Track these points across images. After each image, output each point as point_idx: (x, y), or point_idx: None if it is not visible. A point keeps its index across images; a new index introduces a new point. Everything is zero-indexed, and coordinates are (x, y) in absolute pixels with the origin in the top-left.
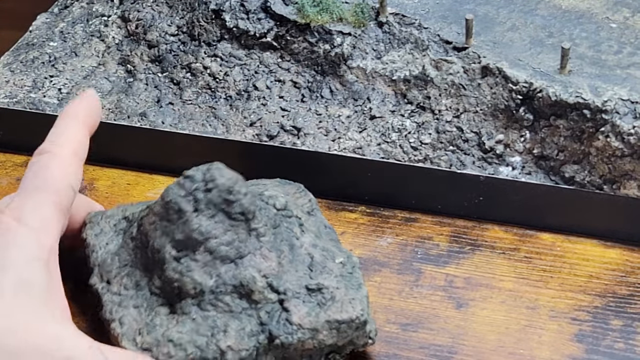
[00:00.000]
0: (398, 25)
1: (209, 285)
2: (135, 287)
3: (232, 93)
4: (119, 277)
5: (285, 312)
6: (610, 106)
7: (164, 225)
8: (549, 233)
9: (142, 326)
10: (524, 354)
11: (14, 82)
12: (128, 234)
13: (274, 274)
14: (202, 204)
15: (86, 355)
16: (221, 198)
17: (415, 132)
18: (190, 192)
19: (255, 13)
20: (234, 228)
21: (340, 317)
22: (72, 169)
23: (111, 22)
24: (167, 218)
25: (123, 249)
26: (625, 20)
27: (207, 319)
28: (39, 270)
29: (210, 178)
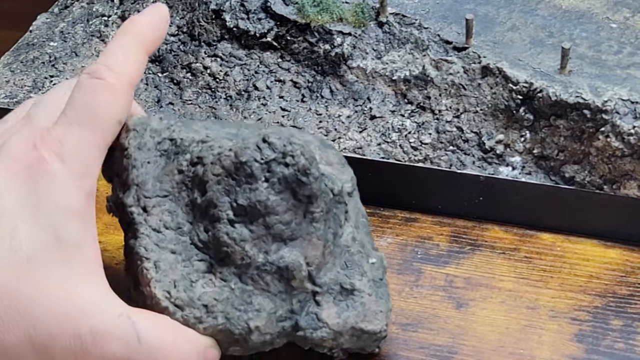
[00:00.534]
0: (398, 25)
1: (257, 261)
2: (176, 229)
3: (232, 93)
4: (159, 210)
5: (316, 306)
6: (610, 106)
7: (229, 183)
8: (549, 233)
9: (178, 278)
10: (524, 354)
11: (14, 82)
12: (176, 162)
13: (316, 264)
14: (275, 177)
15: (114, 325)
16: (295, 178)
17: (416, 132)
18: (268, 160)
19: (256, 13)
20: (295, 209)
21: (365, 327)
22: (124, 102)
23: (111, 22)
24: (235, 177)
25: (167, 177)
26: (626, 21)
27: (244, 293)
28: (74, 224)
29: (291, 153)
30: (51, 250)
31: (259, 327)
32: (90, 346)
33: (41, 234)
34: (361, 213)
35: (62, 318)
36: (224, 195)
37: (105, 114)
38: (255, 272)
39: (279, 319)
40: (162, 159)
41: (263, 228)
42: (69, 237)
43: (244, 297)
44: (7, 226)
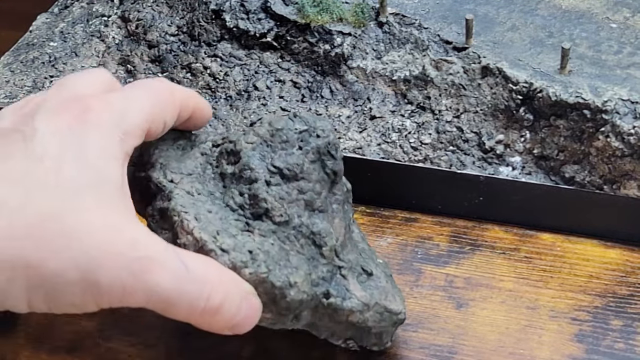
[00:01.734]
0: (398, 25)
1: (294, 221)
2: (208, 194)
3: (232, 93)
4: (188, 181)
5: (343, 279)
6: (610, 106)
7: (264, 149)
8: (549, 233)
9: (220, 229)
10: (524, 354)
11: (14, 82)
12: (196, 149)
13: (340, 242)
14: (309, 146)
15: (162, 256)
16: (327, 150)
17: (416, 132)
18: (301, 131)
19: (256, 13)
20: (324, 182)
21: (388, 305)
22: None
23: (111, 22)
24: (271, 143)
25: (189, 160)
26: (626, 21)
27: (282, 250)
28: (116, 169)
29: (322, 128)
30: (97, 187)
31: (297, 283)
32: (139, 274)
33: (86, 172)
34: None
35: (110, 247)
36: (260, 159)
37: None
38: (293, 232)
39: (313, 283)
40: (179, 150)
41: (297, 192)
42: (112, 178)
43: (282, 253)
44: (51, 166)
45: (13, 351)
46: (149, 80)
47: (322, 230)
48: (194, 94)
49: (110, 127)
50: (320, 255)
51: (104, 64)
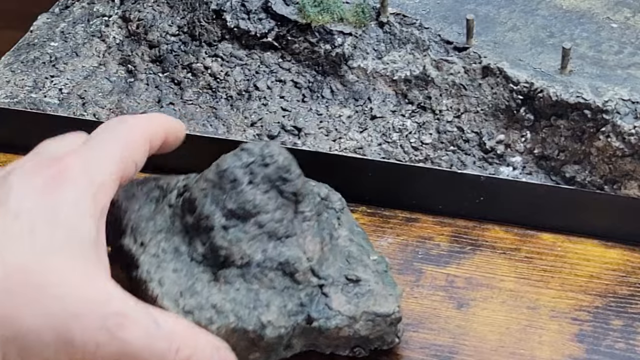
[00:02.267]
0: (399, 25)
1: (256, 259)
2: (174, 252)
3: (233, 93)
4: (156, 240)
5: (325, 297)
6: (611, 106)
7: (215, 193)
8: (550, 233)
9: (184, 289)
10: (525, 354)
11: (14, 82)
12: (165, 201)
13: (317, 259)
14: (258, 177)
15: (134, 312)
16: (278, 175)
17: (416, 132)
18: (248, 164)
19: (256, 13)
20: (284, 207)
21: (377, 310)
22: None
23: (112, 22)
24: (220, 186)
25: (158, 216)
26: (626, 21)
27: (250, 292)
28: (89, 226)
29: (269, 154)
30: (69, 245)
31: (271, 320)
32: (113, 330)
33: (59, 231)
34: (355, 224)
35: (83, 304)
36: (213, 204)
37: (126, 150)
38: (257, 270)
39: (290, 313)
40: (152, 203)
41: (256, 227)
42: (85, 236)
43: (251, 295)
44: (25, 225)
45: None
46: (113, 122)
47: (289, 258)
48: (162, 121)
49: (83, 183)
50: (294, 282)
51: (104, 63)
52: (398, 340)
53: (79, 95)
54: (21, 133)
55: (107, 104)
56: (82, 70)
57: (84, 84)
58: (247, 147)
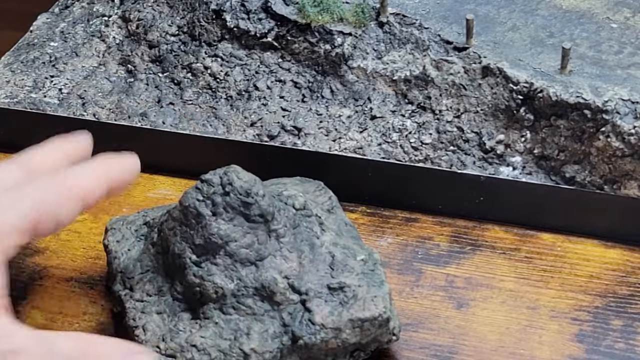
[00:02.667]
0: (399, 25)
1: (230, 289)
2: (157, 292)
3: (233, 93)
4: (142, 283)
5: (307, 313)
6: (610, 106)
7: (183, 230)
8: (550, 233)
9: (166, 332)
10: (525, 354)
11: (14, 82)
12: (149, 239)
13: (295, 275)
14: (220, 207)
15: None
16: (239, 201)
17: (416, 132)
18: (209, 196)
19: (256, 13)
20: (254, 230)
21: (362, 315)
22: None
23: (112, 22)
24: (186, 223)
25: (145, 255)
26: (626, 21)
27: (229, 323)
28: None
29: (228, 181)
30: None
31: (253, 348)
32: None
33: None
34: (344, 222)
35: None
36: (182, 242)
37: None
38: (234, 300)
39: (273, 336)
40: (141, 242)
41: (227, 258)
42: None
43: (230, 326)
44: None
45: None
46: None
47: (264, 282)
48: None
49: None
50: (274, 304)
51: (104, 63)
52: (396, 337)
53: (79, 95)
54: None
55: (107, 104)
56: (82, 70)
57: (84, 84)
58: (205, 177)
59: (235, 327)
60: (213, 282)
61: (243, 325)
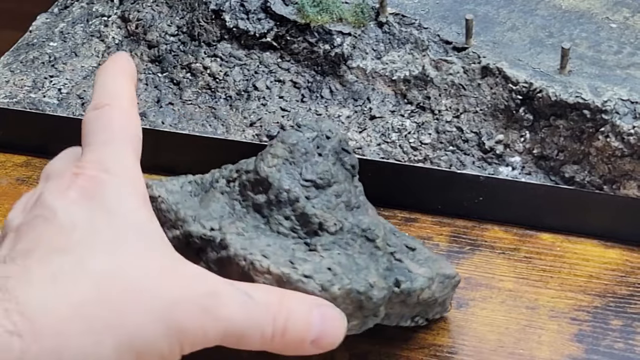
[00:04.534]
0: (398, 25)
1: (346, 225)
2: (255, 229)
3: (232, 93)
4: (228, 224)
5: (400, 262)
6: (610, 106)
7: (288, 167)
8: (549, 233)
9: (290, 258)
10: (524, 354)
11: (14, 82)
12: (213, 191)
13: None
14: (326, 150)
15: (226, 289)
16: (341, 147)
17: (415, 132)
18: (313, 138)
19: (255, 13)
20: (348, 179)
21: (445, 271)
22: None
23: (111, 22)
24: (293, 160)
25: (213, 204)
26: (625, 21)
27: (349, 257)
28: (145, 218)
29: (328, 128)
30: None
31: (375, 282)
32: (212, 310)
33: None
34: None
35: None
36: (290, 178)
37: (124, 130)
38: (349, 237)
39: (383, 276)
40: (195, 197)
41: (335, 197)
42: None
43: (350, 260)
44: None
45: None
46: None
47: (369, 225)
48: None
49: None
50: (376, 249)
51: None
52: (450, 307)
53: (78, 95)
54: (20, 133)
55: None
56: (82, 70)
57: (83, 84)
58: (304, 123)
59: (354, 261)
60: (333, 214)
61: (360, 261)
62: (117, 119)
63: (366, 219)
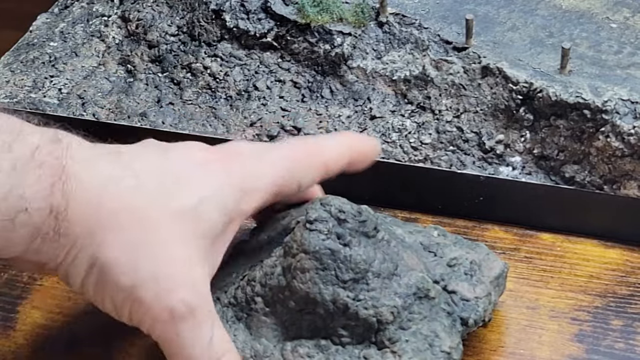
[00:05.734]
0: (398, 25)
1: (399, 304)
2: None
3: (233, 93)
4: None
5: (454, 295)
6: (610, 106)
7: (323, 275)
8: (549, 233)
9: None
10: (524, 353)
11: (14, 82)
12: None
13: (424, 269)
14: (347, 236)
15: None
16: (356, 222)
17: (416, 132)
18: (330, 230)
19: (256, 13)
20: (376, 244)
21: (494, 273)
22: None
23: (111, 22)
24: (323, 267)
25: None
26: (626, 20)
27: (416, 335)
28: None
29: (337, 209)
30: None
31: (450, 346)
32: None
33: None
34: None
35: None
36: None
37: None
38: (406, 313)
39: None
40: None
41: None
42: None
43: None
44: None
45: (13, 351)
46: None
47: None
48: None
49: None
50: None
51: (104, 63)
52: None
53: (79, 95)
54: None
55: (107, 104)
56: (82, 70)
57: (84, 84)
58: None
59: (422, 335)
60: (384, 304)
61: (426, 330)
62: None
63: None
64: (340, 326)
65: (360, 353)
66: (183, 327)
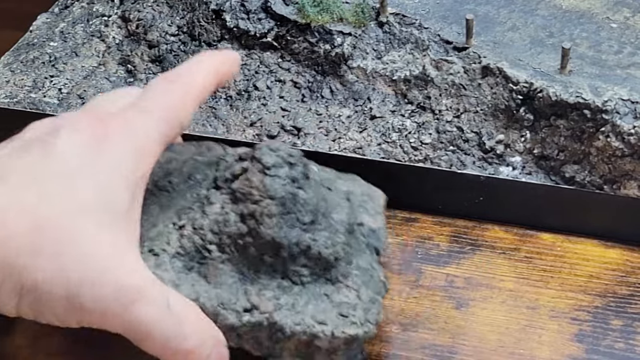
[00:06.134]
0: (398, 25)
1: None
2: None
3: (233, 93)
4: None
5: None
6: (610, 106)
7: (287, 219)
8: (549, 233)
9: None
10: (524, 354)
11: (14, 82)
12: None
13: None
14: (300, 180)
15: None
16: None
17: (416, 132)
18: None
19: (256, 13)
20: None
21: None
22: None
23: (111, 22)
24: (287, 211)
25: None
26: (626, 20)
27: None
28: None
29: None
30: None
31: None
32: (125, 303)
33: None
34: None
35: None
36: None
37: (172, 111)
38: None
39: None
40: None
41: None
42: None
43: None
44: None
45: (12, 351)
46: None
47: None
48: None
49: (123, 148)
50: None
51: (104, 63)
52: None
53: (79, 95)
54: None
55: None
56: (82, 70)
57: (84, 84)
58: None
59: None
60: (338, 242)
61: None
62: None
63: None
64: (299, 266)
65: (320, 290)
66: (138, 309)
